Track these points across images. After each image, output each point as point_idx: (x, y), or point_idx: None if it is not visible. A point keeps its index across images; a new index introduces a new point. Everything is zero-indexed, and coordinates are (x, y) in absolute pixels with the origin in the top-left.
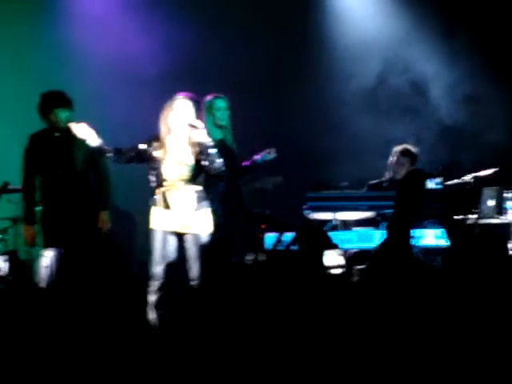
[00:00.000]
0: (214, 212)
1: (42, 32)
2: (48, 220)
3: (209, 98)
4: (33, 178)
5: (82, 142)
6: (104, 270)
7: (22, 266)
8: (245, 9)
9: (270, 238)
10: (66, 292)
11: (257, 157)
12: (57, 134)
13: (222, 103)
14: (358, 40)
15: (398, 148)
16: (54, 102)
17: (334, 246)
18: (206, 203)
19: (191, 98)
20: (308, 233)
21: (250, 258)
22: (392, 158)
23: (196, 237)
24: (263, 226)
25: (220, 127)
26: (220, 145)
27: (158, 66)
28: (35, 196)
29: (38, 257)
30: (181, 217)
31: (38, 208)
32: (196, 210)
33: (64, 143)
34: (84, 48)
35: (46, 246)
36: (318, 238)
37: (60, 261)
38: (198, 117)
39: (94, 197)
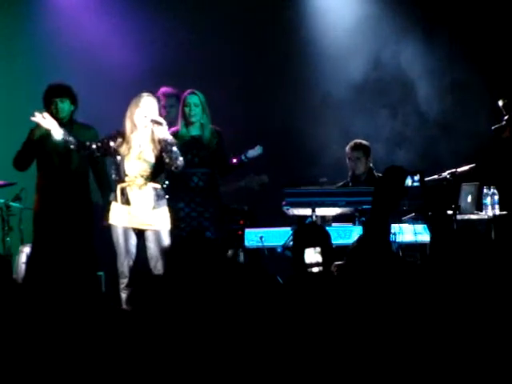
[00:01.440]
0: (181, 209)
1: (24, 26)
2: (41, 215)
3: (185, 94)
4: (28, 158)
5: (82, 137)
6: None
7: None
8: (230, 5)
9: (250, 234)
10: (39, 288)
11: (242, 155)
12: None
13: (192, 99)
14: (342, 37)
15: (348, 145)
16: (56, 92)
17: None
18: (163, 201)
19: (171, 94)
20: (306, 232)
21: (229, 254)
22: (347, 157)
23: (156, 234)
24: (241, 222)
25: (192, 123)
26: (196, 142)
27: (141, 62)
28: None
29: (16, 252)
30: (140, 213)
31: (16, 204)
32: (154, 207)
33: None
34: (69, 43)
35: (36, 239)
36: (317, 236)
37: (32, 257)
38: (178, 112)
39: (88, 194)
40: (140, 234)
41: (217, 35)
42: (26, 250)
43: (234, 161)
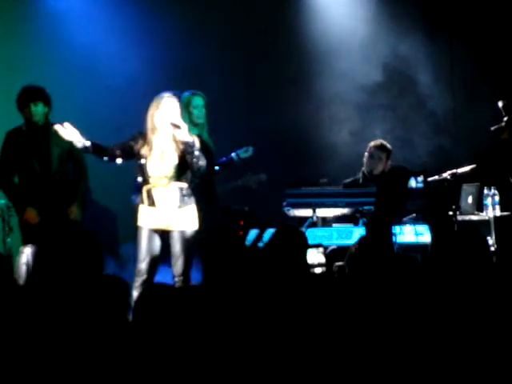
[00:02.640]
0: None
1: (22, 27)
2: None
3: (186, 94)
4: (10, 174)
5: (60, 138)
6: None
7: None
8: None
9: (251, 234)
10: (42, 288)
11: (233, 154)
12: (32, 130)
13: (199, 101)
14: (339, 36)
15: (373, 143)
16: (30, 95)
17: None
18: (190, 200)
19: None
20: (286, 233)
21: None
22: (368, 154)
23: (181, 233)
24: (241, 223)
25: (197, 125)
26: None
27: (137, 64)
28: (15, 190)
29: (15, 252)
30: (166, 214)
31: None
32: (180, 207)
33: (40, 139)
34: (67, 44)
35: (24, 242)
36: (296, 238)
37: (35, 258)
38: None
39: (70, 194)
40: (165, 234)
41: (217, 35)
42: (27, 250)
43: (224, 159)
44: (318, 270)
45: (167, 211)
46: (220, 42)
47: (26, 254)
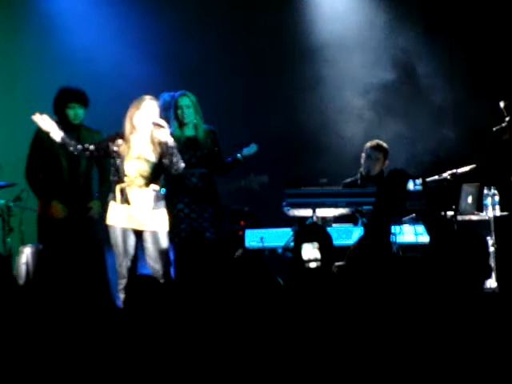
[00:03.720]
0: (180, 210)
1: (22, 26)
2: (46, 217)
3: (175, 95)
4: (38, 170)
5: (88, 139)
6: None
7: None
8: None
9: (250, 234)
10: (43, 289)
11: (238, 154)
12: (66, 130)
13: (184, 101)
14: (340, 35)
15: (369, 144)
16: (73, 98)
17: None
18: (162, 203)
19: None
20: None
21: (239, 253)
22: (365, 155)
23: (153, 234)
24: (242, 223)
25: (185, 124)
26: (191, 142)
27: (137, 64)
28: (42, 185)
29: (16, 252)
30: (139, 214)
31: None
32: (153, 208)
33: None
34: (67, 43)
35: (40, 238)
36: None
37: (39, 258)
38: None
39: (92, 195)
40: (139, 234)
41: (219, 35)
42: (27, 250)
43: (229, 159)
44: (313, 265)
45: (140, 211)
46: (220, 42)
47: (26, 253)
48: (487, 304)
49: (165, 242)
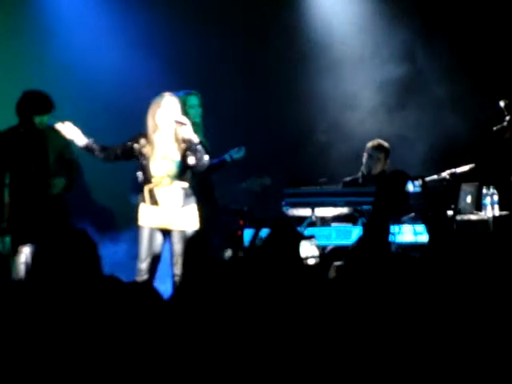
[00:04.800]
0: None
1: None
2: (17, 218)
3: (180, 94)
4: (2, 176)
5: (55, 142)
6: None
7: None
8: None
9: (248, 233)
10: (40, 288)
11: (226, 155)
12: (31, 133)
13: (194, 100)
14: (341, 34)
15: (370, 144)
16: (38, 108)
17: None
18: (192, 199)
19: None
20: (281, 230)
21: (228, 254)
22: (366, 155)
23: (182, 233)
24: (241, 222)
25: (193, 124)
26: None
27: (137, 63)
28: (4, 196)
29: (12, 252)
30: (168, 213)
31: None
32: (182, 206)
33: (38, 143)
34: (66, 42)
35: (15, 243)
36: (291, 234)
37: (33, 257)
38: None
39: (63, 197)
40: (166, 232)
41: (219, 35)
42: (26, 250)
43: (216, 160)
44: (311, 262)
45: (170, 210)
46: (221, 42)
47: (25, 253)
48: (487, 304)
49: (192, 240)
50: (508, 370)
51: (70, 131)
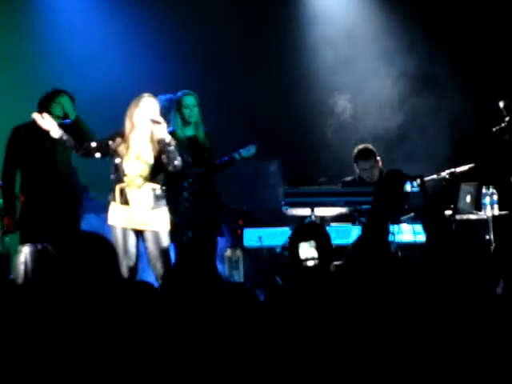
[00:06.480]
0: (178, 210)
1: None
2: (28, 215)
3: (178, 95)
4: (14, 171)
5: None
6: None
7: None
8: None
9: (249, 234)
10: (42, 288)
11: (235, 153)
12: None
13: (190, 100)
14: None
15: (358, 155)
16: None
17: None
18: (162, 202)
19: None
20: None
21: (228, 254)
22: (359, 168)
23: (154, 234)
24: (241, 222)
25: (189, 124)
26: (191, 142)
27: (136, 62)
28: (15, 189)
29: (14, 252)
30: (138, 214)
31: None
32: (153, 208)
33: (50, 139)
34: (66, 42)
35: (24, 240)
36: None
37: (37, 257)
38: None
39: (74, 194)
40: (139, 234)
41: (219, 35)
42: (25, 249)
43: (226, 158)
44: (310, 263)
45: (140, 211)
46: (220, 42)
47: (25, 253)
48: (486, 304)
49: (165, 242)
50: (508, 369)
51: (47, 122)
